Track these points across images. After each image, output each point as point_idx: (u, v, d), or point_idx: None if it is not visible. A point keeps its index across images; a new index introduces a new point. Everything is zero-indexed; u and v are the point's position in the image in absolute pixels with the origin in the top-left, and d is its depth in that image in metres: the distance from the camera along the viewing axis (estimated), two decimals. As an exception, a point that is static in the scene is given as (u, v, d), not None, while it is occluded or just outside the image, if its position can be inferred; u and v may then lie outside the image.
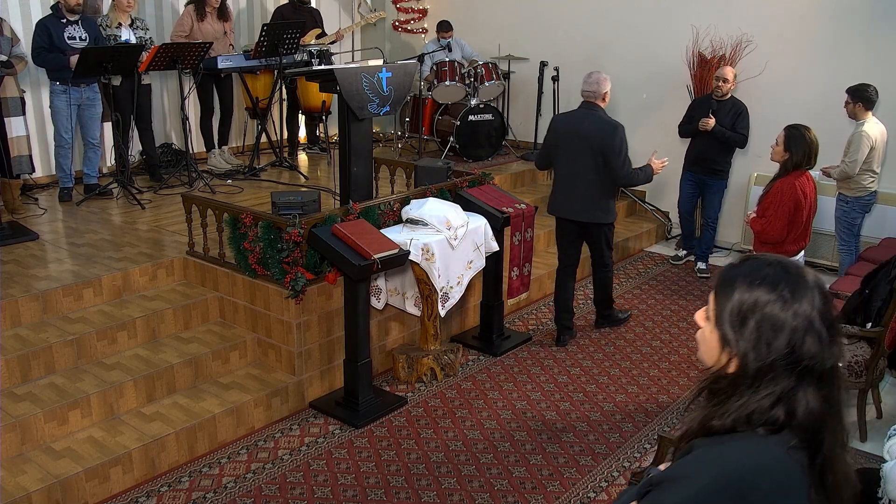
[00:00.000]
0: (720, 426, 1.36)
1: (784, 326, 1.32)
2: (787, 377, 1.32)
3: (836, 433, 1.37)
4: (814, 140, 4.06)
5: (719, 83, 6.06)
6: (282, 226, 4.08)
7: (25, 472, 3.32)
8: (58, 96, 5.75)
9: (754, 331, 1.34)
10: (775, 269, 1.36)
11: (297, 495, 3.52)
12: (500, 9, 8.29)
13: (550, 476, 3.70)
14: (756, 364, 1.34)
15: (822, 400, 1.34)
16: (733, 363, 1.37)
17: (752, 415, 1.34)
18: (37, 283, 4.25)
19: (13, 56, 5.39)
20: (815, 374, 1.33)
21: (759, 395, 1.34)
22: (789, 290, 1.34)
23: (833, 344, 1.34)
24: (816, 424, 1.34)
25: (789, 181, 4.06)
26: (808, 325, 1.32)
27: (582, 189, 4.83)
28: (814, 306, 1.33)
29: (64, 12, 5.68)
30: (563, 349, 5.04)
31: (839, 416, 1.37)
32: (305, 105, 7.46)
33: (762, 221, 4.15)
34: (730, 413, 1.36)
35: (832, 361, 1.34)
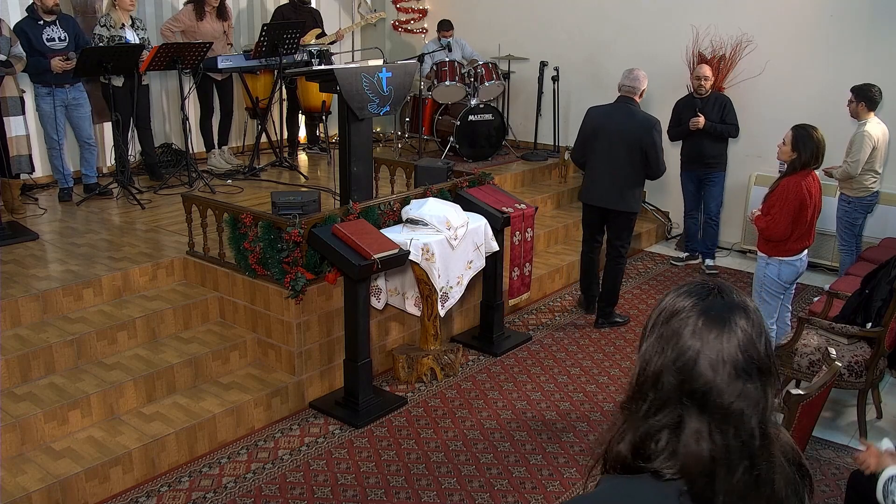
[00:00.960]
0: (620, 453, 1.27)
1: (680, 343, 1.21)
2: (679, 403, 1.21)
3: (735, 498, 1.19)
4: (821, 140, 4.09)
5: (701, 81, 6.23)
6: (282, 226, 4.08)
7: (25, 472, 3.32)
8: (43, 99, 5.71)
9: (658, 339, 1.25)
10: (712, 294, 1.26)
11: (297, 495, 3.52)
12: (500, 9, 8.29)
13: (550, 476, 3.70)
14: (650, 373, 1.24)
15: (715, 444, 1.18)
16: (636, 371, 1.28)
17: (644, 440, 1.23)
18: (37, 283, 4.25)
19: (12, 56, 5.38)
20: (711, 410, 1.19)
21: (652, 418, 1.23)
22: (711, 314, 1.22)
23: (745, 383, 1.19)
24: (702, 470, 1.18)
25: (795, 180, 4.08)
26: (714, 354, 1.19)
27: (615, 179, 5.10)
28: (730, 340, 1.20)
29: (40, 13, 5.59)
30: (563, 349, 5.04)
31: (744, 474, 1.19)
32: (305, 105, 7.46)
33: (766, 219, 4.17)
34: (625, 436, 1.26)
35: (739, 404, 1.18)
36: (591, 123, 5.17)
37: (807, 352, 4.06)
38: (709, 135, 6.21)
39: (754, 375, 1.20)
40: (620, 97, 5.13)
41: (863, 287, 4.22)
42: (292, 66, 6.67)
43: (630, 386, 1.29)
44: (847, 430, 4.12)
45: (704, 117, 6.13)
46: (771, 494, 1.22)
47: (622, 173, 5.05)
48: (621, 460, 1.26)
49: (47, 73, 5.60)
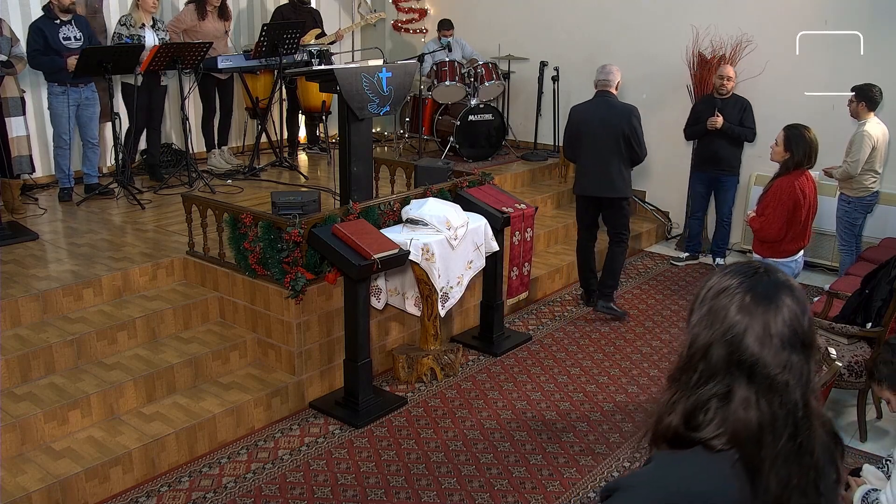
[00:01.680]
0: (671, 424, 1.33)
1: (728, 318, 1.29)
2: (727, 374, 1.29)
3: (782, 463, 1.27)
4: (814, 139, 4.06)
5: (723, 81, 6.14)
6: (282, 226, 4.08)
7: (25, 472, 3.32)
8: (56, 98, 5.74)
9: (707, 314, 1.32)
10: (758, 273, 1.33)
11: (297, 495, 3.52)
12: (500, 9, 8.29)
13: (550, 476, 3.70)
14: (700, 346, 1.31)
15: (762, 412, 1.26)
16: (686, 345, 1.36)
17: (695, 409, 1.31)
18: (37, 283, 4.25)
19: (13, 56, 5.39)
20: (759, 380, 1.27)
21: (701, 390, 1.31)
22: (759, 290, 1.30)
23: (791, 356, 1.27)
24: (751, 436, 1.26)
25: (789, 180, 4.06)
26: (762, 328, 1.27)
27: (606, 168, 5.30)
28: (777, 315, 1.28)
29: (57, 12, 5.64)
30: (563, 349, 5.04)
31: (788, 441, 1.27)
32: (305, 105, 7.46)
33: (760, 220, 4.16)
34: (676, 406, 1.33)
35: (785, 376, 1.26)
36: (576, 119, 5.42)
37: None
38: (725, 137, 6.15)
39: (798, 349, 1.28)
40: (598, 92, 5.40)
41: (863, 287, 4.22)
42: (292, 66, 6.67)
43: (680, 359, 1.36)
44: (847, 430, 4.12)
45: (723, 118, 6.08)
46: (811, 462, 1.29)
47: (609, 162, 5.28)
48: (672, 431, 1.33)
49: (62, 71, 5.62)
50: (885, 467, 2.55)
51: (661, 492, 1.30)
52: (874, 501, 2.43)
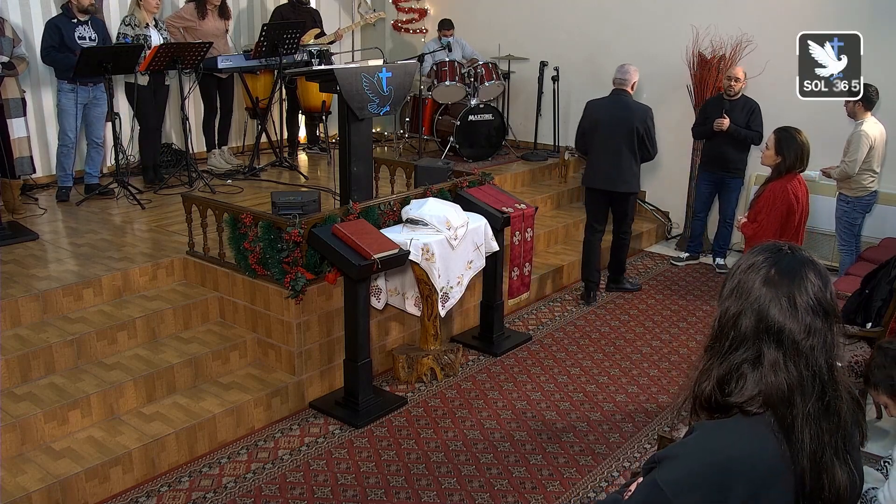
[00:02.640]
0: (706, 390, 1.43)
1: (755, 289, 1.40)
2: (756, 340, 1.38)
3: (812, 421, 1.36)
4: (805, 142, 3.99)
5: (731, 82, 6.15)
6: (282, 226, 4.08)
7: (25, 472, 3.32)
8: (66, 95, 5.76)
9: (736, 287, 1.43)
10: (783, 251, 1.43)
11: (297, 495, 3.52)
12: (500, 9, 8.29)
13: (550, 476, 3.70)
14: (731, 315, 1.41)
15: (790, 374, 1.36)
16: (718, 316, 1.46)
17: (728, 374, 1.40)
18: (37, 283, 4.25)
19: (14, 57, 5.39)
20: (786, 345, 1.37)
21: (732, 356, 1.41)
22: (783, 265, 1.40)
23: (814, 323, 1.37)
24: (783, 397, 1.36)
25: (781, 185, 3.99)
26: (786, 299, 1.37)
27: (619, 163, 5.56)
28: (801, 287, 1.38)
29: (75, 12, 5.71)
30: (563, 349, 5.04)
31: (816, 401, 1.37)
32: (305, 105, 7.46)
33: (754, 226, 4.08)
34: (711, 372, 1.43)
35: (811, 341, 1.36)
36: (591, 114, 5.66)
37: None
38: (732, 139, 6.15)
39: (821, 316, 1.38)
40: (615, 90, 5.61)
41: (863, 287, 4.22)
42: (292, 66, 6.67)
43: (712, 329, 1.47)
44: (847, 430, 4.12)
45: (730, 120, 6.08)
46: (838, 422, 1.39)
47: (620, 158, 5.54)
48: (708, 396, 1.43)
49: (74, 69, 5.64)
50: (883, 468, 2.55)
51: (706, 458, 1.37)
52: (872, 499, 2.43)
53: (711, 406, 1.44)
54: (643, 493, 1.44)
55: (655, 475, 1.42)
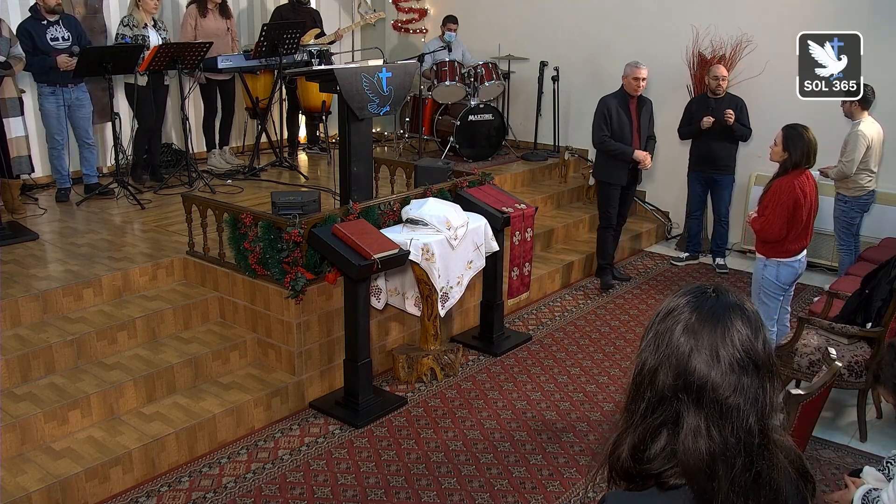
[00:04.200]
0: (620, 455, 1.27)
1: (673, 339, 1.23)
2: (675, 399, 1.21)
3: (738, 495, 1.18)
4: (812, 139, 4.05)
5: (719, 82, 6.14)
6: (282, 226, 4.08)
7: (25, 472, 3.32)
8: (46, 98, 5.71)
9: (653, 337, 1.26)
10: (707, 293, 1.27)
11: (297, 495, 3.52)
12: (500, 9, 8.29)
13: (550, 476, 3.70)
14: (647, 371, 1.25)
15: (713, 440, 1.18)
16: (634, 372, 1.29)
17: (643, 440, 1.24)
18: (37, 283, 4.25)
19: (11, 56, 5.38)
20: (707, 405, 1.19)
21: (649, 418, 1.24)
22: (705, 310, 1.24)
23: (741, 378, 1.19)
24: (701, 467, 1.18)
25: (788, 180, 4.06)
26: (708, 350, 1.20)
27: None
28: (725, 336, 1.21)
29: (43, 13, 5.61)
30: (563, 349, 5.04)
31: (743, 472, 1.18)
32: (305, 105, 7.46)
33: (761, 220, 4.15)
34: (625, 437, 1.26)
35: (736, 399, 1.18)
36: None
37: (807, 352, 4.06)
38: (719, 137, 6.16)
39: (751, 371, 1.20)
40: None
41: (863, 287, 4.22)
42: (292, 66, 6.67)
43: (628, 387, 1.29)
44: (847, 430, 4.12)
45: (717, 118, 6.08)
46: (773, 497, 1.21)
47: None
48: (624, 465, 1.26)
49: (52, 71, 5.61)
50: (885, 469, 2.55)
51: None
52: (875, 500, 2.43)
53: (627, 475, 1.27)
54: None
55: None
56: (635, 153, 5.78)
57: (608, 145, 5.79)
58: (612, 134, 5.78)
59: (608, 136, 5.78)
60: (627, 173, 5.88)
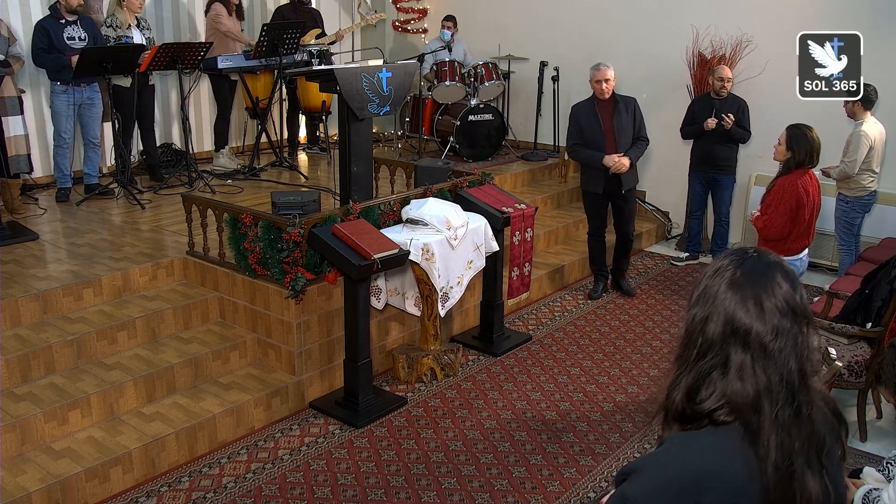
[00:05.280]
0: (675, 399, 1.40)
1: (720, 293, 1.38)
2: (724, 344, 1.36)
3: (781, 427, 1.32)
4: (816, 139, 4.08)
5: (724, 83, 6.13)
6: (282, 226, 4.08)
7: (25, 472, 3.32)
8: (58, 96, 5.75)
9: (703, 292, 1.42)
10: (749, 254, 1.42)
11: (297, 495, 3.52)
12: (500, 9, 8.29)
13: (550, 476, 3.70)
14: (698, 321, 1.40)
15: (758, 379, 1.33)
16: (685, 324, 1.45)
17: (696, 386, 1.37)
18: (37, 283, 4.25)
19: (10, 56, 5.39)
20: (753, 348, 1.34)
21: (701, 363, 1.38)
22: (747, 267, 1.39)
23: (783, 324, 1.34)
24: (749, 403, 1.33)
25: (791, 179, 4.07)
26: (752, 301, 1.35)
27: None
28: (767, 289, 1.36)
29: (63, 13, 5.67)
30: (563, 349, 5.04)
31: (785, 406, 1.33)
32: (305, 105, 7.46)
33: (763, 218, 4.16)
34: (680, 382, 1.40)
35: (779, 343, 1.34)
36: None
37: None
38: (720, 137, 6.15)
39: (791, 319, 1.36)
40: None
41: (863, 287, 4.22)
42: (292, 66, 6.67)
43: (680, 338, 1.45)
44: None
45: (717, 120, 6.07)
46: (811, 432, 1.35)
47: None
48: (679, 407, 1.40)
49: (66, 70, 5.62)
50: (885, 470, 2.55)
51: (674, 472, 1.36)
52: (876, 499, 2.43)
53: (683, 417, 1.40)
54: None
55: (624, 488, 1.40)
56: (605, 158, 5.44)
57: (577, 153, 5.66)
58: (583, 141, 5.57)
59: (579, 143, 5.59)
60: (604, 181, 5.54)
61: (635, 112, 5.58)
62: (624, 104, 5.54)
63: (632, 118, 5.55)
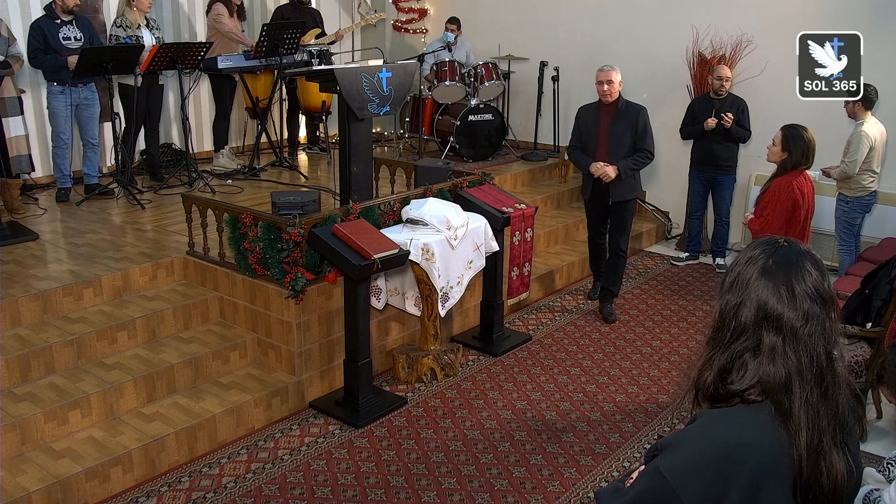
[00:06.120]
0: (708, 379, 1.46)
1: (753, 280, 1.44)
2: (756, 328, 1.42)
3: (811, 407, 1.38)
4: (811, 140, 4.05)
5: (722, 83, 6.14)
6: (282, 226, 4.08)
7: (25, 472, 3.32)
8: (55, 97, 5.74)
9: (736, 279, 1.47)
10: (780, 244, 1.48)
11: (297, 495, 3.52)
12: (500, 9, 8.29)
13: (550, 476, 3.70)
14: (731, 306, 1.45)
15: (789, 360, 1.39)
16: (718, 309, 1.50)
17: (729, 366, 1.44)
18: (37, 283, 4.25)
19: (10, 56, 5.39)
20: (785, 332, 1.40)
21: (734, 345, 1.44)
22: (779, 256, 1.44)
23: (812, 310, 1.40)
24: (781, 383, 1.38)
25: (786, 180, 4.05)
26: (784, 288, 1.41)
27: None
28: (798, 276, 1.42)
29: (59, 13, 5.65)
30: (563, 349, 5.04)
31: (814, 387, 1.39)
32: (305, 105, 7.46)
33: (759, 221, 4.14)
34: (713, 362, 1.46)
35: (809, 328, 1.39)
36: None
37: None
38: (721, 137, 6.16)
39: (819, 303, 1.42)
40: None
41: (863, 287, 4.22)
42: (292, 66, 6.67)
43: (713, 321, 1.50)
44: (847, 430, 4.12)
45: (717, 120, 6.07)
46: (836, 410, 1.42)
47: None
48: (711, 387, 1.46)
49: (63, 71, 5.62)
50: (886, 471, 2.55)
51: (708, 446, 1.40)
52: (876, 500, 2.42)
53: (714, 396, 1.46)
54: (645, 480, 1.46)
55: (658, 462, 1.43)
56: (591, 165, 5.19)
57: (572, 156, 5.50)
58: (581, 145, 5.36)
59: (576, 146, 5.39)
60: (591, 188, 5.31)
61: (638, 121, 5.17)
62: (627, 111, 5.19)
63: (632, 127, 5.16)
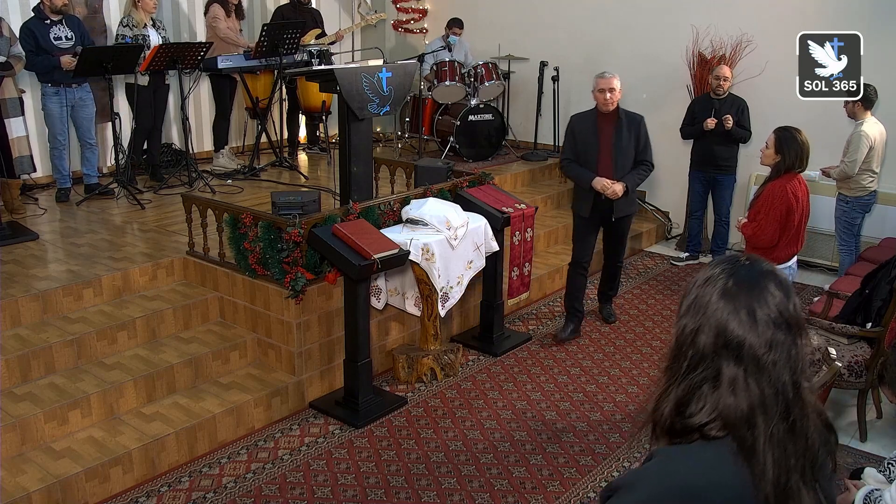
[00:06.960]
0: (665, 413, 1.36)
1: (712, 303, 1.32)
2: (715, 357, 1.31)
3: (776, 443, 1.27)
4: (805, 142, 3.92)
5: (721, 82, 6.14)
6: (282, 226, 4.08)
7: (25, 472, 3.32)
8: (49, 98, 5.71)
9: (693, 302, 1.36)
10: (741, 262, 1.37)
11: (297, 495, 3.52)
12: (500, 9, 8.29)
13: (550, 476, 3.70)
14: (688, 333, 1.35)
15: (751, 393, 1.28)
16: (675, 334, 1.40)
17: (687, 396, 1.33)
18: (37, 283, 4.25)
19: (11, 56, 5.39)
20: (746, 361, 1.28)
21: (691, 375, 1.33)
22: (741, 276, 1.33)
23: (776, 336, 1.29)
24: (743, 417, 1.27)
25: (780, 184, 3.93)
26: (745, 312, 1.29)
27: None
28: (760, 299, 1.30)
29: (48, 13, 5.62)
30: (562, 349, 5.04)
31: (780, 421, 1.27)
32: (305, 105, 7.46)
33: (753, 225, 4.03)
34: (669, 394, 1.36)
35: (772, 356, 1.28)
36: None
37: (807, 352, 4.04)
38: (721, 137, 6.16)
39: (784, 329, 1.30)
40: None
41: (863, 287, 4.21)
42: (292, 66, 6.67)
43: (670, 348, 1.40)
44: (847, 430, 4.12)
45: (717, 119, 6.07)
46: (805, 445, 1.30)
47: None
48: (668, 420, 1.35)
49: (55, 71, 5.61)
50: (886, 471, 2.55)
51: (664, 486, 1.30)
52: (877, 500, 2.42)
53: (672, 430, 1.35)
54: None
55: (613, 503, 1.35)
56: (594, 181, 4.81)
57: (567, 169, 5.04)
58: (577, 157, 4.94)
59: (570, 159, 4.96)
60: (593, 204, 4.91)
61: (640, 132, 4.91)
62: (628, 121, 4.88)
63: (634, 138, 4.89)
